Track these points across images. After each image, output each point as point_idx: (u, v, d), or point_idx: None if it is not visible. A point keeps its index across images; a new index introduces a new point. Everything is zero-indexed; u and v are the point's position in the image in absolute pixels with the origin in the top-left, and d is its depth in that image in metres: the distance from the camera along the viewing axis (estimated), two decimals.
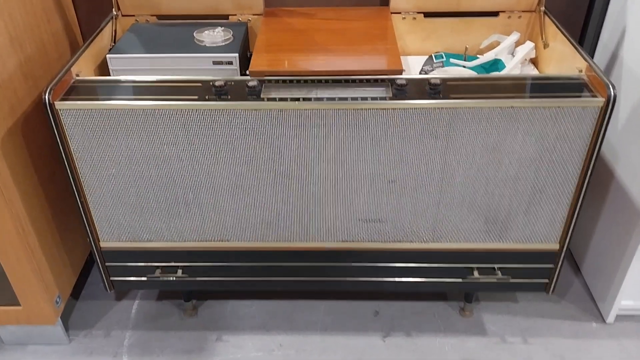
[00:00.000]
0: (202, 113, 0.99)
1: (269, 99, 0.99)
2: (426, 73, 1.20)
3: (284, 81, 1.03)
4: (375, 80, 1.03)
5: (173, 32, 1.23)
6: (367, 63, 1.05)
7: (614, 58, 1.28)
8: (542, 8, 1.23)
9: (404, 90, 0.99)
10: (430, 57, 1.25)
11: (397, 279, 1.23)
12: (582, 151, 1.02)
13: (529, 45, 1.23)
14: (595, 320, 1.37)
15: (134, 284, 1.25)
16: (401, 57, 1.31)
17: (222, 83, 1.00)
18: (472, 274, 1.20)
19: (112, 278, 1.24)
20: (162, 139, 1.02)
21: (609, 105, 0.96)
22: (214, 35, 1.18)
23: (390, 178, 1.07)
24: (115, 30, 1.26)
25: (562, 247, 1.16)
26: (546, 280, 1.22)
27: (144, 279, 1.23)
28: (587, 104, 0.97)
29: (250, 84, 1.00)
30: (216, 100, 0.99)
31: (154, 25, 1.27)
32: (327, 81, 1.03)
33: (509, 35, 1.27)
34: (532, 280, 1.22)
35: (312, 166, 1.06)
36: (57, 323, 1.29)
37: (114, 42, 1.24)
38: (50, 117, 0.99)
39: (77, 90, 1.02)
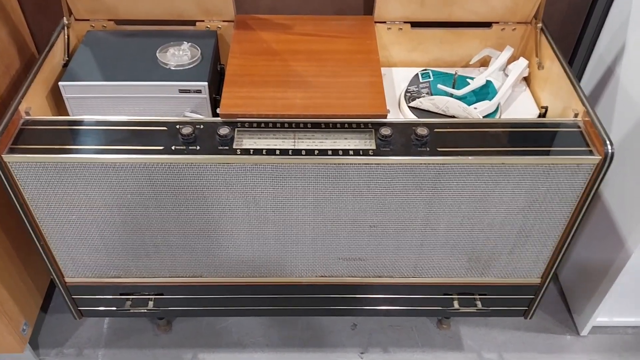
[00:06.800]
0: (167, 167, 0.91)
1: (242, 151, 0.90)
2: (411, 95, 1.11)
3: (258, 124, 0.94)
4: (358, 125, 0.94)
5: (133, 47, 1.10)
6: (349, 104, 0.96)
7: (609, 72, 1.21)
8: (540, 25, 1.13)
9: (388, 141, 0.91)
10: (417, 75, 1.15)
11: (374, 308, 1.20)
12: (573, 201, 0.97)
13: (522, 63, 1.14)
14: (569, 332, 1.39)
15: (103, 312, 1.20)
16: (385, 68, 1.23)
17: (189, 130, 0.91)
18: (452, 305, 1.18)
19: (80, 308, 1.19)
20: (125, 189, 0.94)
21: (605, 162, 0.90)
22: (180, 56, 1.06)
23: (372, 223, 1.01)
24: (68, 40, 1.12)
25: (544, 281, 1.14)
26: (525, 308, 1.21)
27: (113, 308, 1.19)
28: (581, 162, 0.91)
29: (222, 132, 0.91)
30: (183, 153, 0.90)
31: (111, 34, 1.14)
32: (305, 125, 0.94)
33: (501, 48, 1.17)
34: (511, 308, 1.21)
35: (288, 212, 0.99)
36: (26, 348, 1.25)
37: (68, 57, 1.11)
38: None
39: (27, 136, 0.92)
